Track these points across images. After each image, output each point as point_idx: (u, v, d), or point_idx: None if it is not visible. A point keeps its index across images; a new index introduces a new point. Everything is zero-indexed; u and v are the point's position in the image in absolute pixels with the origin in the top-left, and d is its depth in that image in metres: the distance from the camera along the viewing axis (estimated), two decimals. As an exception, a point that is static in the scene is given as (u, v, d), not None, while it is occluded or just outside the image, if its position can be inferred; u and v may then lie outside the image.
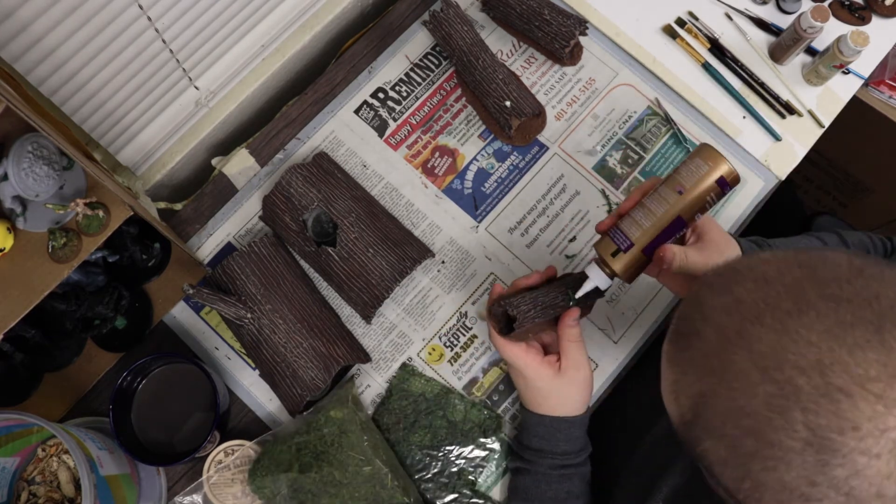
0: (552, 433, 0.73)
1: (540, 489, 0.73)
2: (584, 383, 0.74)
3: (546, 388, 0.73)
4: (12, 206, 0.64)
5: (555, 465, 0.73)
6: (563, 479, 0.72)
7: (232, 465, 0.77)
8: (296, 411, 0.77)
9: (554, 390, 0.73)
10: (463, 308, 0.85)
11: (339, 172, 0.87)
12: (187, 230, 0.88)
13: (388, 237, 0.82)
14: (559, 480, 0.72)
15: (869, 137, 1.22)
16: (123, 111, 0.80)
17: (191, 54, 0.82)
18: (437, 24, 0.90)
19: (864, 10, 0.98)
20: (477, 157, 0.91)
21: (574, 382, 0.73)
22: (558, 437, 0.73)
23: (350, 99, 0.93)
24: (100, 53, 0.71)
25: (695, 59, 0.95)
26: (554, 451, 0.73)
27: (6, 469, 0.72)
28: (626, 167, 0.91)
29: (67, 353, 0.82)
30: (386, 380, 0.83)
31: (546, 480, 0.73)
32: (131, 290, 0.83)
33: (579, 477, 0.73)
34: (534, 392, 0.74)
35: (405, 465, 0.79)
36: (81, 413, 0.81)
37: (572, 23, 0.89)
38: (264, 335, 0.78)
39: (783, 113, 0.93)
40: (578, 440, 0.74)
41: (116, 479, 0.69)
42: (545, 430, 0.73)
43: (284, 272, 0.82)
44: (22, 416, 0.64)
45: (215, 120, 0.92)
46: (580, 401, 0.74)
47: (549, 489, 0.72)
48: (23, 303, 0.62)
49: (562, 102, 0.93)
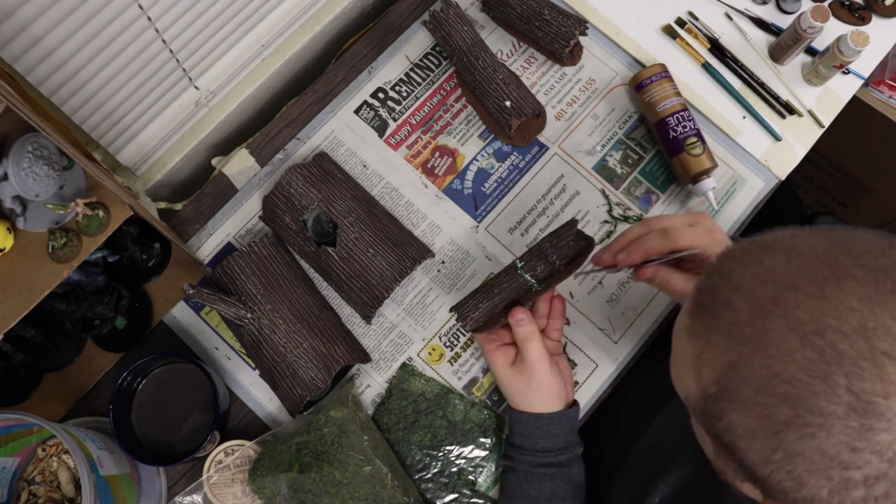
0: (530, 430, 0.73)
1: (522, 488, 0.73)
2: (534, 382, 0.73)
3: (508, 385, 0.74)
4: (12, 206, 0.64)
5: (535, 463, 0.72)
6: (545, 478, 0.72)
7: (232, 465, 0.77)
8: (296, 411, 0.77)
9: (518, 388, 0.74)
10: (463, 308, 0.85)
11: (339, 172, 0.87)
12: (187, 230, 0.88)
13: (388, 237, 0.82)
14: (541, 480, 0.72)
15: (869, 137, 1.22)
16: (123, 111, 0.80)
17: (191, 54, 0.82)
18: (437, 24, 0.90)
19: (864, 10, 0.98)
20: (477, 157, 0.91)
21: (530, 380, 0.73)
22: (536, 433, 0.73)
23: (350, 99, 0.93)
24: (100, 53, 0.71)
25: (695, 59, 0.95)
26: (533, 447, 0.73)
27: (6, 469, 0.72)
28: (626, 167, 0.91)
29: (67, 353, 0.82)
30: (386, 380, 0.83)
31: (528, 479, 0.73)
32: (131, 290, 0.83)
33: (564, 478, 0.72)
34: (503, 388, 0.76)
35: (405, 465, 0.79)
36: (81, 413, 0.81)
37: (572, 23, 0.89)
38: (264, 335, 0.78)
39: (783, 113, 0.93)
40: (559, 438, 0.73)
41: (116, 479, 0.69)
42: (524, 426, 0.74)
43: (284, 272, 0.82)
44: (22, 416, 0.64)
45: (215, 120, 0.92)
46: (548, 397, 0.73)
47: (532, 488, 0.72)
48: (23, 303, 0.62)
49: (562, 102, 0.93)
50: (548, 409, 0.73)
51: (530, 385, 0.73)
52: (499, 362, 0.75)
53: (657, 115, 0.87)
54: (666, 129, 0.87)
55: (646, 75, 0.88)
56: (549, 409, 0.73)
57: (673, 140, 0.86)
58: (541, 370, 0.73)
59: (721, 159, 0.91)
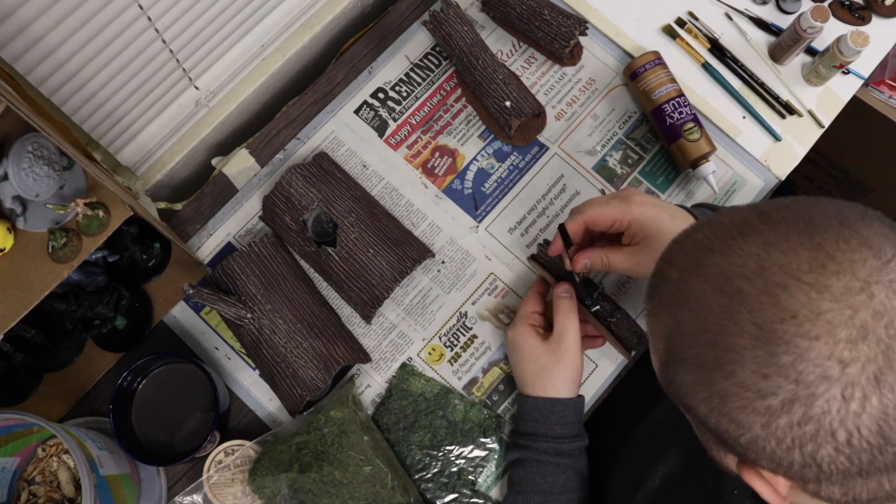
0: (546, 416, 0.73)
1: (535, 481, 0.72)
2: (567, 361, 0.73)
3: (534, 360, 0.74)
4: (12, 206, 0.64)
5: (549, 451, 0.72)
6: (557, 469, 0.72)
7: (232, 465, 0.77)
8: (296, 411, 0.77)
9: (544, 364, 0.73)
10: (463, 308, 0.85)
11: (339, 172, 0.87)
12: (187, 230, 0.88)
13: (388, 237, 0.82)
14: (554, 471, 0.72)
15: (869, 137, 1.22)
16: (123, 111, 0.80)
17: (191, 54, 0.82)
18: (437, 24, 0.90)
19: (864, 10, 0.98)
20: (477, 157, 0.91)
21: (561, 358, 0.73)
22: (552, 419, 0.73)
23: (350, 99, 0.93)
24: (100, 53, 0.71)
25: (695, 59, 0.95)
26: (549, 434, 0.73)
27: (6, 469, 0.72)
28: (626, 167, 0.91)
29: (67, 353, 0.82)
30: (386, 380, 0.83)
31: (541, 471, 0.72)
32: (131, 290, 0.83)
33: (575, 472, 0.73)
34: (525, 364, 0.75)
35: (405, 465, 0.79)
36: (81, 413, 0.81)
37: (572, 23, 0.89)
38: (264, 335, 0.78)
39: (783, 113, 0.93)
40: (573, 426, 0.74)
41: (116, 479, 0.69)
42: (538, 413, 0.74)
43: (284, 272, 0.82)
44: (22, 416, 0.64)
45: (215, 120, 0.92)
46: (564, 379, 0.73)
47: (545, 482, 0.72)
48: (23, 303, 0.62)
49: (562, 102, 0.93)
50: (568, 393, 0.74)
51: (560, 363, 0.73)
52: (530, 333, 0.75)
53: (653, 102, 0.87)
54: (663, 115, 0.87)
55: (640, 63, 0.88)
56: (568, 394, 0.74)
57: (670, 126, 0.86)
58: (574, 350, 0.73)
59: (721, 159, 0.91)
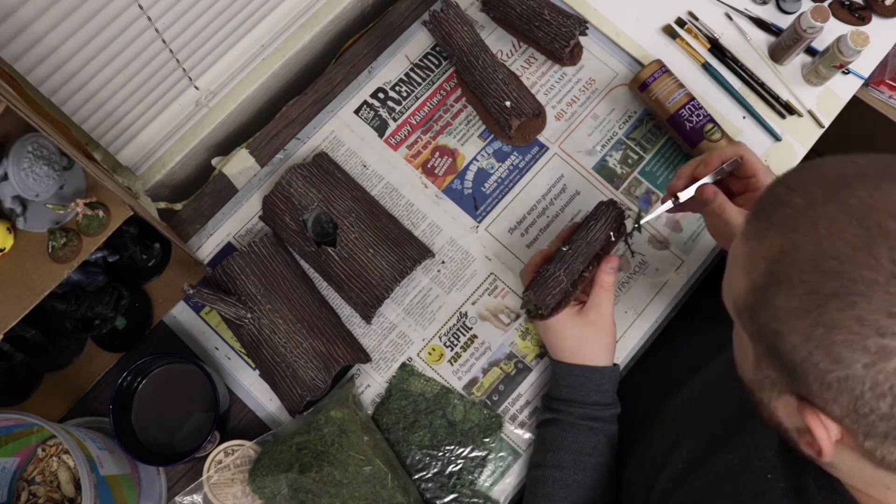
0: (582, 382, 0.74)
1: (567, 440, 0.73)
2: (603, 328, 0.75)
3: (572, 333, 0.75)
4: (12, 206, 0.65)
5: (584, 416, 0.73)
6: (590, 432, 0.73)
7: (232, 465, 0.77)
8: (296, 411, 0.77)
9: (585, 335, 0.75)
10: (463, 308, 0.85)
11: (339, 172, 0.87)
12: (187, 230, 0.88)
13: (388, 237, 0.82)
14: (586, 433, 0.73)
15: (869, 137, 1.22)
16: (123, 111, 0.80)
17: (191, 54, 0.82)
18: (437, 24, 0.90)
19: (864, 10, 0.98)
20: (477, 157, 0.91)
21: (601, 328, 0.75)
22: (588, 386, 0.74)
23: (350, 99, 0.93)
24: (100, 53, 0.71)
25: (695, 59, 0.95)
26: (584, 400, 0.74)
27: (6, 469, 0.72)
28: (626, 167, 0.91)
29: (67, 353, 0.82)
30: (386, 380, 0.83)
31: (573, 431, 0.73)
32: (131, 290, 0.83)
33: (606, 436, 0.74)
34: (557, 338, 0.76)
35: (405, 465, 0.79)
36: (81, 413, 0.81)
37: (572, 23, 0.89)
38: (264, 335, 0.78)
39: (783, 113, 0.93)
40: (608, 393, 0.75)
41: (116, 479, 0.69)
42: (575, 379, 0.75)
43: (284, 272, 0.82)
44: (22, 416, 0.64)
45: (215, 120, 0.92)
46: (603, 347, 0.75)
47: (576, 441, 0.73)
48: (23, 303, 0.62)
49: (562, 102, 0.93)
50: (606, 361, 0.75)
51: (599, 332, 0.75)
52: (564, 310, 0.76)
53: (668, 110, 0.88)
54: (681, 121, 0.87)
55: (647, 74, 0.88)
56: (605, 362, 0.75)
57: (691, 131, 0.87)
58: (611, 321, 0.76)
59: (721, 159, 0.91)
